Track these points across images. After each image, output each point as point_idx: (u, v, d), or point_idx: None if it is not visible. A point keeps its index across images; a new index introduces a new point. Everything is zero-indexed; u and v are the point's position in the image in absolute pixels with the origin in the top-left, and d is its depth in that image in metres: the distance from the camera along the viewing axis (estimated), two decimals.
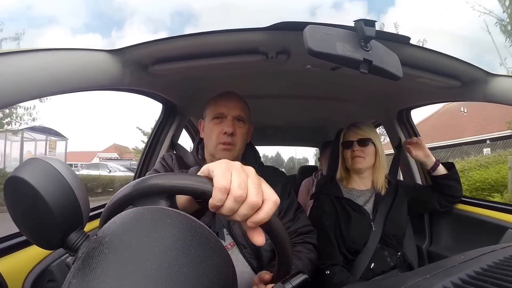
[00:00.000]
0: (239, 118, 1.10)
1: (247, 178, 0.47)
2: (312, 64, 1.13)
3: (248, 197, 0.44)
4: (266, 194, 0.46)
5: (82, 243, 0.43)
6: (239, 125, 1.10)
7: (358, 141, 1.40)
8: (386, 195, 1.43)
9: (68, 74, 0.76)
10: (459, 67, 1.09)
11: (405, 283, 0.50)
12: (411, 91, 1.48)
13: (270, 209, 0.45)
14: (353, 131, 1.43)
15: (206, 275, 0.39)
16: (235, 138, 1.07)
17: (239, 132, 1.09)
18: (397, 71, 0.75)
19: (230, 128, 1.06)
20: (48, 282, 0.94)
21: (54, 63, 0.73)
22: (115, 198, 0.50)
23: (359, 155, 1.39)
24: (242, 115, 1.10)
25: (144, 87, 1.23)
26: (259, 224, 0.46)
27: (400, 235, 1.40)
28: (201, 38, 0.93)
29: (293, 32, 0.87)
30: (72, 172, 0.44)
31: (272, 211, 0.46)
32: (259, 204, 0.45)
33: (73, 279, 0.37)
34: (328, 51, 0.65)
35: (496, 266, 0.54)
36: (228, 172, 0.46)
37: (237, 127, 1.08)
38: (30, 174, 0.41)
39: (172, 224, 0.42)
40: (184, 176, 0.48)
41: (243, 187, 0.45)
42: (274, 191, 0.48)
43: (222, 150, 1.07)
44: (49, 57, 0.73)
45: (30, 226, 0.43)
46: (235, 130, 1.07)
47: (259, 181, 0.48)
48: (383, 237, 1.34)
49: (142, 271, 0.35)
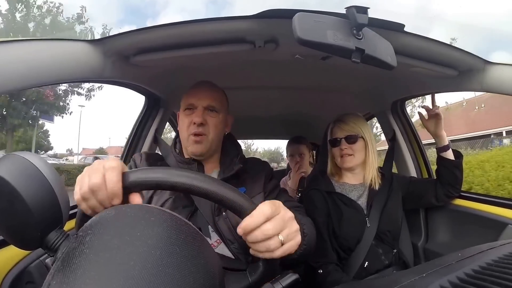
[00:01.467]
0: (211, 108, 1.07)
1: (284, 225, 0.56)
2: (301, 53, 1.10)
3: (271, 240, 0.54)
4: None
5: (62, 243, 0.42)
6: (211, 115, 1.07)
7: (345, 138, 1.35)
8: (380, 189, 1.38)
9: (46, 65, 0.74)
10: (455, 55, 1.06)
11: (400, 282, 0.49)
12: (405, 81, 1.45)
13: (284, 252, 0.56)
14: (340, 127, 1.37)
15: (192, 275, 0.38)
16: (206, 128, 1.05)
17: (211, 122, 1.06)
18: (390, 60, 0.73)
19: (199, 118, 1.03)
20: (26, 284, 0.92)
21: (31, 54, 0.71)
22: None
23: (347, 153, 1.35)
24: (213, 104, 1.07)
25: (126, 78, 1.20)
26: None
27: (396, 231, 1.37)
28: (184, 27, 0.90)
29: (282, 20, 0.84)
30: (51, 168, 0.43)
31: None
32: (274, 249, 0.55)
33: (53, 281, 0.37)
34: (318, 39, 0.63)
35: (495, 264, 0.54)
36: (275, 208, 0.55)
37: (208, 117, 1.06)
38: (6, 170, 0.39)
39: (156, 222, 0.42)
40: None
41: (279, 227, 0.55)
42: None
43: (193, 142, 1.04)
44: (26, 48, 0.71)
45: (7, 226, 0.41)
46: (205, 120, 1.04)
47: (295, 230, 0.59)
48: (378, 234, 1.29)
49: (125, 271, 0.34)
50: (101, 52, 0.91)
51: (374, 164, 1.39)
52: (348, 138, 1.35)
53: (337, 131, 1.37)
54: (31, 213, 0.39)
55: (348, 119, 1.39)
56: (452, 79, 1.18)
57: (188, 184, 0.51)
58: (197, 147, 1.04)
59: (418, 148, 1.77)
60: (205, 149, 1.05)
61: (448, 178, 1.41)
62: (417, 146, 1.77)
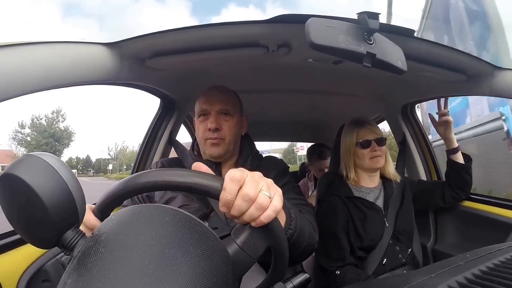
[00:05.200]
0: (224, 112, 1.07)
1: (259, 182, 0.50)
2: (314, 57, 1.11)
3: (258, 198, 0.47)
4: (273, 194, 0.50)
5: (78, 242, 0.42)
6: (225, 118, 1.07)
7: (376, 140, 1.37)
8: (395, 190, 1.42)
9: (64, 68, 0.74)
10: (464, 60, 1.07)
11: (410, 282, 0.49)
12: (415, 85, 1.46)
13: (274, 210, 0.48)
14: (369, 129, 1.39)
15: (206, 274, 0.38)
16: (222, 132, 1.05)
17: (226, 126, 1.06)
18: (401, 65, 0.73)
19: (213, 123, 1.04)
20: (43, 282, 0.93)
21: (49, 57, 0.71)
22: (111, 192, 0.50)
23: (379, 155, 1.37)
24: (226, 108, 1.08)
25: (141, 81, 1.21)
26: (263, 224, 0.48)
27: (411, 231, 1.40)
28: (199, 31, 0.91)
29: (295, 25, 0.84)
30: (67, 168, 0.43)
31: (276, 212, 0.49)
32: (267, 205, 0.48)
33: (68, 279, 0.37)
34: (330, 44, 0.64)
35: (503, 265, 0.54)
36: (242, 172, 0.49)
37: (222, 121, 1.06)
38: (24, 171, 0.39)
39: (170, 222, 0.42)
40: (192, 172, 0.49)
41: (255, 186, 0.48)
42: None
43: (211, 145, 1.05)
44: (44, 50, 0.71)
45: (25, 225, 0.42)
46: (220, 125, 1.05)
47: (270, 183, 0.52)
48: (395, 233, 1.33)
49: (139, 270, 0.35)
50: (117, 55, 0.91)
51: (392, 163, 1.44)
52: (379, 140, 1.37)
53: (366, 133, 1.39)
54: (48, 212, 0.39)
55: (372, 122, 1.43)
56: (461, 83, 1.18)
57: (153, 181, 0.48)
58: (214, 150, 1.05)
59: (428, 151, 1.77)
60: (223, 151, 1.05)
61: (457, 181, 1.44)
62: (427, 149, 1.77)
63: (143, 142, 1.66)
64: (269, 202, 0.48)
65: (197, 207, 0.99)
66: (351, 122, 1.45)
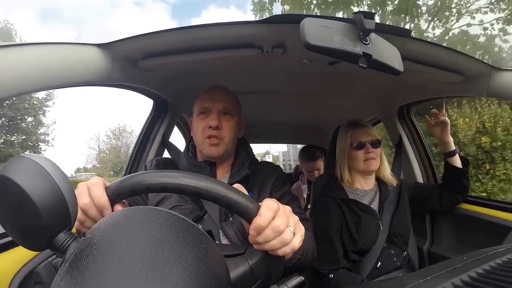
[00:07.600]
0: (225, 112, 1.07)
1: (289, 217, 0.56)
2: (309, 58, 1.10)
3: (284, 233, 0.52)
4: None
5: (70, 244, 0.42)
6: (226, 118, 1.07)
7: (370, 142, 1.37)
8: (390, 193, 1.41)
9: (55, 69, 0.73)
10: (462, 61, 1.06)
11: (406, 285, 0.49)
12: (412, 86, 1.45)
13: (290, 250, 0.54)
14: (363, 131, 1.39)
15: (199, 277, 0.38)
16: (222, 132, 1.05)
17: (226, 126, 1.06)
18: (397, 66, 0.72)
19: (215, 121, 1.03)
20: (35, 285, 0.92)
21: (40, 58, 0.71)
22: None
23: (373, 157, 1.36)
24: (228, 107, 1.08)
25: (134, 82, 1.20)
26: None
27: (406, 234, 1.38)
28: (192, 32, 0.90)
29: (290, 25, 0.84)
30: (59, 170, 0.43)
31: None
32: (289, 242, 0.53)
33: (61, 282, 0.36)
34: (325, 44, 0.63)
35: (499, 267, 0.54)
36: (277, 203, 0.55)
37: (223, 120, 1.06)
38: (16, 173, 0.39)
39: (163, 225, 0.42)
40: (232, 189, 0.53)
41: (285, 221, 0.53)
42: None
43: (210, 145, 1.04)
44: (35, 51, 0.70)
45: (16, 227, 0.42)
46: (220, 123, 1.04)
47: (296, 221, 0.57)
48: (390, 236, 1.32)
49: (132, 273, 0.35)
50: (109, 56, 0.90)
51: (387, 166, 1.43)
52: (373, 142, 1.37)
53: (362, 134, 1.38)
54: (39, 215, 0.39)
55: (368, 124, 1.42)
56: (458, 84, 1.18)
57: (193, 185, 0.51)
58: (213, 150, 1.04)
59: (424, 153, 1.76)
60: (222, 151, 1.05)
61: (455, 185, 1.43)
62: (424, 151, 1.76)
63: (136, 144, 1.65)
64: (292, 239, 0.53)
65: (191, 208, 0.98)
66: (346, 124, 1.45)
